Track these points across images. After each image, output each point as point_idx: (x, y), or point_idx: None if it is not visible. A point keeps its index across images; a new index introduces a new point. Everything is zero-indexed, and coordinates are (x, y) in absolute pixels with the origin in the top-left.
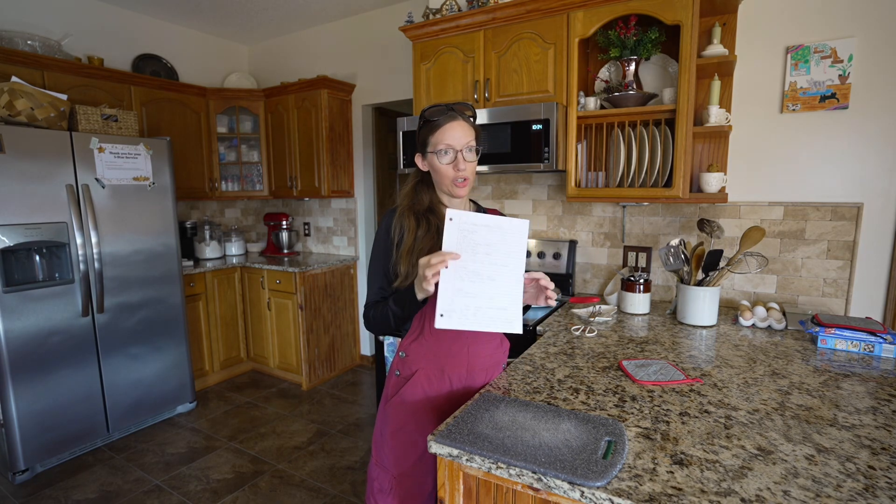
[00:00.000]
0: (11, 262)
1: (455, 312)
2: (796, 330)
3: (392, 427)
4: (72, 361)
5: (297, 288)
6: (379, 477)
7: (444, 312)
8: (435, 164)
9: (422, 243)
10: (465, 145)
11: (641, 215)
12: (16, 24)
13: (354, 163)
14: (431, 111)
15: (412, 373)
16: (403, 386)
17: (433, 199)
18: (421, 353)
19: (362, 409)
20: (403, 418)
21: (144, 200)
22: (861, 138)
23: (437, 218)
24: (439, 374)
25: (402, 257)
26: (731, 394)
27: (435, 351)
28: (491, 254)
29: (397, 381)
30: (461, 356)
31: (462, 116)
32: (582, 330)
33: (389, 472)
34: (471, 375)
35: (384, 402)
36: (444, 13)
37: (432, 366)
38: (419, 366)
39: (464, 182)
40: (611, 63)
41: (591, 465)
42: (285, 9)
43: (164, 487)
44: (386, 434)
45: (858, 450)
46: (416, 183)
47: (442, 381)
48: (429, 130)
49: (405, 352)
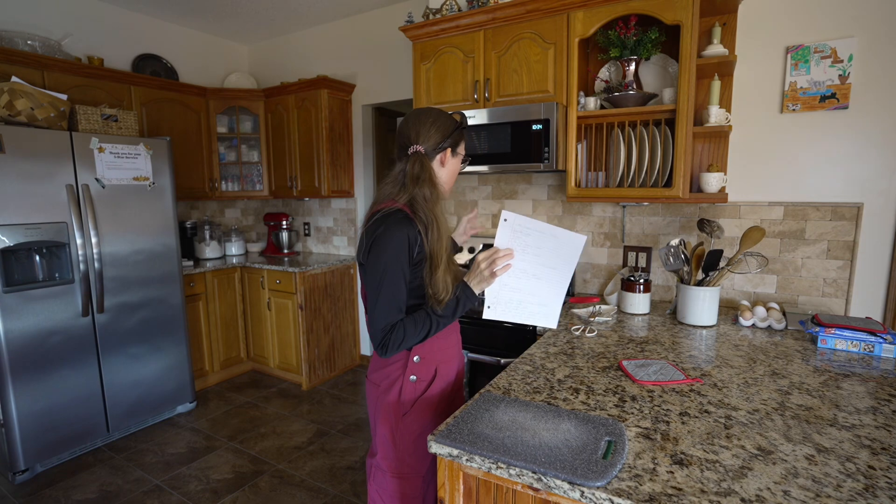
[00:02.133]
0: (11, 262)
1: (500, 305)
2: (796, 330)
3: (417, 432)
4: (72, 361)
5: (297, 288)
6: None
7: (491, 304)
8: (455, 168)
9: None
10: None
11: (641, 215)
12: (16, 24)
13: (354, 163)
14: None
15: (433, 373)
16: (427, 389)
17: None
18: (433, 352)
19: (362, 409)
20: (428, 419)
21: (144, 200)
22: (861, 138)
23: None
24: (448, 366)
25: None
26: (731, 394)
27: (442, 346)
28: (539, 255)
29: (416, 387)
30: (454, 343)
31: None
32: (582, 330)
33: (418, 475)
34: (460, 359)
35: (398, 412)
36: (444, 13)
37: (444, 360)
38: (436, 364)
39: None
40: (611, 63)
41: (591, 465)
42: (285, 9)
43: (164, 487)
44: (407, 442)
45: (858, 450)
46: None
47: (450, 371)
48: (462, 136)
49: (420, 355)
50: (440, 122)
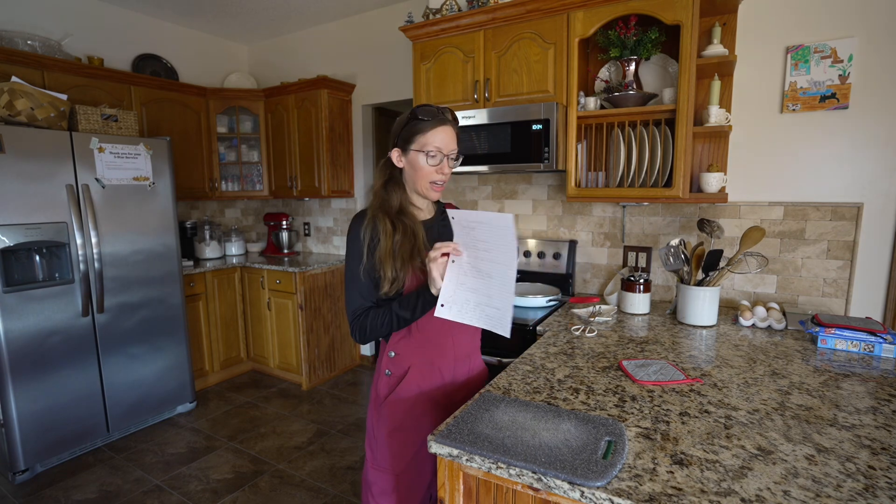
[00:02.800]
0: (11, 262)
1: (455, 304)
2: (796, 330)
3: (389, 427)
4: (72, 361)
5: (297, 288)
6: (378, 480)
7: (445, 303)
8: (418, 164)
9: (401, 246)
10: (451, 151)
11: (641, 215)
12: (16, 24)
13: (354, 163)
14: (424, 110)
15: (405, 370)
16: (398, 385)
17: (403, 199)
18: (411, 350)
19: (362, 409)
20: (400, 417)
21: (144, 200)
22: (861, 138)
23: (409, 220)
24: (430, 368)
25: (384, 261)
26: (731, 394)
27: (423, 346)
28: (490, 251)
29: (389, 381)
30: (447, 347)
31: (451, 124)
32: (582, 330)
33: (389, 472)
34: (456, 365)
35: (375, 403)
36: (444, 13)
37: (422, 360)
38: (411, 362)
39: (441, 186)
40: (611, 63)
41: (591, 465)
42: (285, 9)
43: (164, 487)
44: (382, 435)
45: (858, 450)
46: (386, 181)
47: (433, 373)
48: (418, 129)
49: (395, 351)
50: (395, 124)
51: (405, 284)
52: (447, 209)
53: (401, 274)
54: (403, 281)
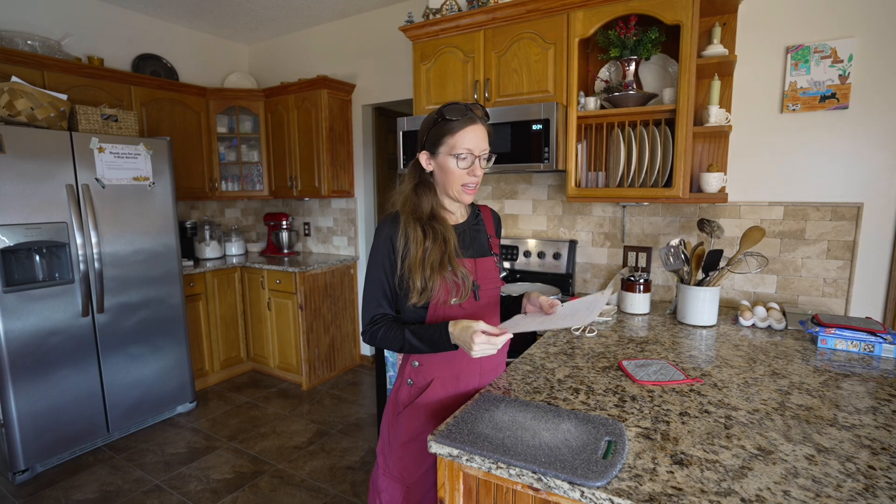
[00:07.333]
0: (11, 262)
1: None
2: (796, 330)
3: (405, 437)
4: (72, 361)
5: (297, 288)
6: (389, 488)
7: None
8: (448, 167)
9: (432, 255)
10: (482, 151)
11: (641, 215)
12: (16, 24)
13: (354, 163)
14: (452, 109)
15: (428, 382)
16: (419, 396)
17: (434, 203)
18: (436, 363)
19: (362, 409)
20: (417, 427)
21: (144, 200)
22: (861, 138)
23: (441, 226)
24: (455, 382)
25: (414, 270)
26: (731, 394)
27: (450, 359)
28: (574, 315)
29: (410, 391)
30: (474, 362)
31: (482, 121)
32: (582, 330)
33: (400, 481)
34: (482, 377)
35: (393, 411)
36: (444, 13)
37: (447, 374)
38: (434, 374)
39: (473, 189)
40: (611, 63)
41: (591, 465)
42: (285, 9)
43: (164, 487)
44: (397, 444)
45: (858, 450)
46: (416, 185)
47: (457, 387)
48: (446, 130)
49: (419, 361)
50: (422, 125)
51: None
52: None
53: (430, 283)
54: (433, 291)
